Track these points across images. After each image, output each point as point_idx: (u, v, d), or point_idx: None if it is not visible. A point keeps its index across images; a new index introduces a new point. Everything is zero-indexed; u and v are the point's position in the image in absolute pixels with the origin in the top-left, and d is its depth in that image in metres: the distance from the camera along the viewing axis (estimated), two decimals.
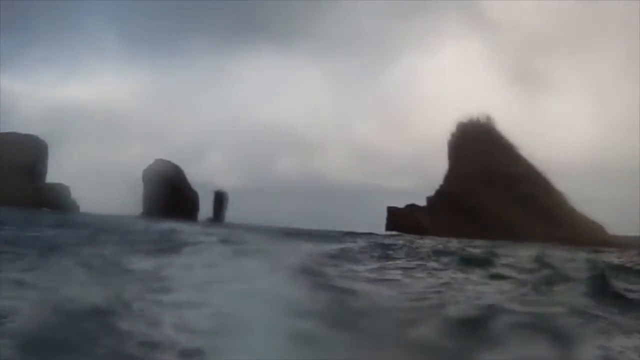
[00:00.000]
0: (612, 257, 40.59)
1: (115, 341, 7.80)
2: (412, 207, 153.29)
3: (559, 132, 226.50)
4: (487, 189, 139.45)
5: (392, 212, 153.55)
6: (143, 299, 10.87)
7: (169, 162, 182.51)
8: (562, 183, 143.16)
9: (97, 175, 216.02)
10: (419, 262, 25.96)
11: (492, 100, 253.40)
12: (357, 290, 14.00)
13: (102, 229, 40.09)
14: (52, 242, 24.18)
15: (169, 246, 26.11)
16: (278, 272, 14.39)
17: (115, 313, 9.51)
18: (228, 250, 23.31)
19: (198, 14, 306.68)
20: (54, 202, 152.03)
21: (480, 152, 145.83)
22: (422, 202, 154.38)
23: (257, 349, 7.79)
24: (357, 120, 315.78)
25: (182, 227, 49.34)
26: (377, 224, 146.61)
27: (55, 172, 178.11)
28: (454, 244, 55.11)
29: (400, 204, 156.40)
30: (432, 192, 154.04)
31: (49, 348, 7.04)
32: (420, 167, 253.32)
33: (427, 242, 56.57)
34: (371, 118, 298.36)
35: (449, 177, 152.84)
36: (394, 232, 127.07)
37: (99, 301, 10.02)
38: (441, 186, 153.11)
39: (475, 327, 9.61)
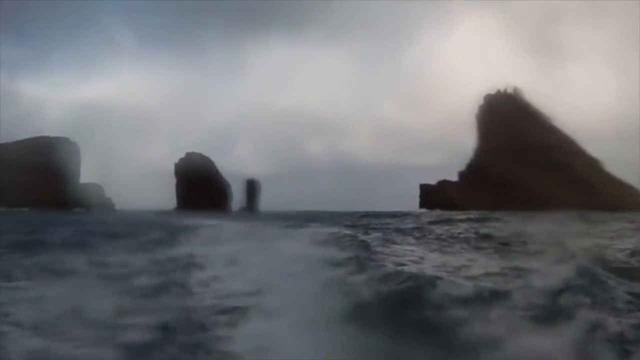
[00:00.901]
0: None
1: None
2: (444, 183, 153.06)
3: (585, 99, 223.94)
4: (519, 159, 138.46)
5: (425, 189, 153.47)
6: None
7: (199, 154, 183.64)
8: (595, 149, 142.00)
9: (130, 172, 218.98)
10: None
11: (514, 72, 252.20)
12: None
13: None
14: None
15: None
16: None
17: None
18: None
19: (210, 8, 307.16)
20: (89, 201, 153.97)
21: (509, 124, 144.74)
22: (454, 177, 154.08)
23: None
24: (381, 100, 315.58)
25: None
26: (411, 202, 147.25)
27: (88, 172, 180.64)
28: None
29: (432, 180, 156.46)
30: (462, 167, 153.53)
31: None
32: (448, 142, 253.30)
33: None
34: (394, 97, 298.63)
35: (478, 151, 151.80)
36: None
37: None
38: (471, 160, 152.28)
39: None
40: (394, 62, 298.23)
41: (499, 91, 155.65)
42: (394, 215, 63.75)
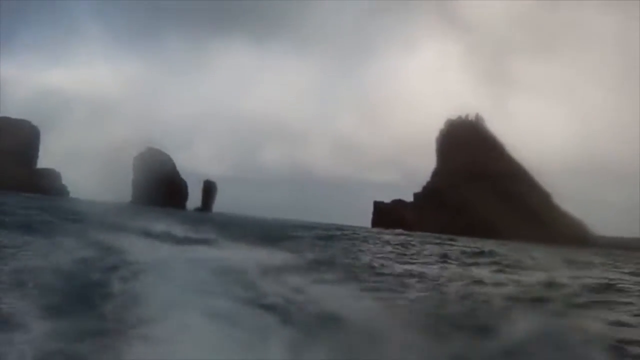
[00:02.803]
0: None
1: None
2: (398, 202, 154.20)
3: (537, 131, 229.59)
4: (474, 186, 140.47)
5: (379, 207, 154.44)
6: None
7: (159, 150, 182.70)
8: (546, 181, 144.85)
9: (87, 162, 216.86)
10: None
11: (470, 98, 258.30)
12: None
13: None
14: None
15: None
16: None
17: None
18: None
19: (178, 6, 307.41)
20: (44, 187, 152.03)
21: (468, 150, 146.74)
22: (408, 197, 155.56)
23: None
24: (340, 114, 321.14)
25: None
26: (364, 218, 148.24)
27: (46, 158, 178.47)
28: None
29: (387, 198, 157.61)
30: (418, 188, 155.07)
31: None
32: (404, 162, 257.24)
33: None
34: (353, 112, 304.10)
35: (436, 174, 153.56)
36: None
37: None
38: (428, 182, 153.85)
39: None
40: (355, 78, 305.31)
41: (460, 117, 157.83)
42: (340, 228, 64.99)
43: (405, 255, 28.70)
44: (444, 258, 27.73)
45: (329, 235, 41.81)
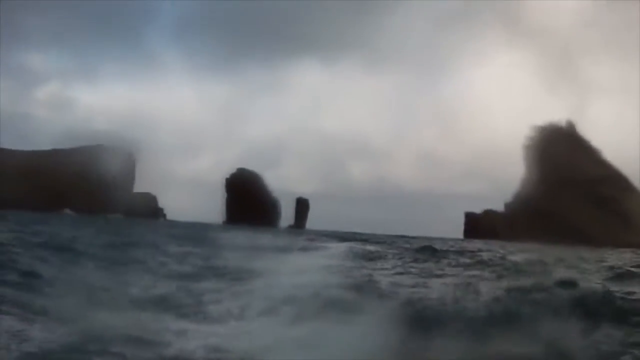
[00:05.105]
0: None
1: None
2: (490, 213, 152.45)
3: (622, 133, 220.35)
4: (567, 193, 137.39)
5: (470, 217, 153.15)
6: None
7: (249, 170, 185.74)
8: None
9: (181, 185, 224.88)
10: None
11: (548, 105, 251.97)
12: None
13: None
14: None
15: None
16: None
17: None
18: None
19: (253, 33, 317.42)
20: (143, 210, 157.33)
21: (560, 156, 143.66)
22: (499, 208, 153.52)
23: None
24: (419, 128, 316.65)
25: None
26: (456, 230, 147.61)
27: (141, 182, 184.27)
28: None
29: (477, 209, 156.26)
30: (507, 198, 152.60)
31: None
32: (491, 173, 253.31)
33: None
34: (433, 126, 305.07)
35: (527, 182, 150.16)
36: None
37: None
38: (519, 191, 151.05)
39: None
40: (429, 93, 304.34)
41: (550, 123, 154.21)
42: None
43: None
44: None
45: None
